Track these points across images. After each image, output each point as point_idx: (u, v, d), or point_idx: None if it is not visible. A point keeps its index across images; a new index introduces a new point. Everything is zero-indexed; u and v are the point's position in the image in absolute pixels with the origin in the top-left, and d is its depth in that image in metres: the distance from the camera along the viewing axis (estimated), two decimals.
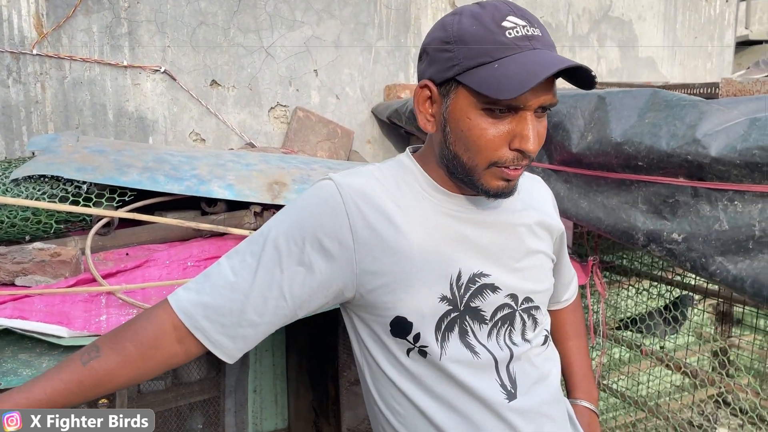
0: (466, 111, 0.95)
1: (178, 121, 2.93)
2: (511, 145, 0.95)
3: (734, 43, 5.04)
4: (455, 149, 0.99)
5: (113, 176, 1.96)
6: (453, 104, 0.97)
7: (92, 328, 1.54)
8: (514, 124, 0.94)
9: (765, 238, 1.43)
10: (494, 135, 0.94)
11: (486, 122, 0.94)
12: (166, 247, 1.97)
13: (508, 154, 0.95)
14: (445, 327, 1.01)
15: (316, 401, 2.71)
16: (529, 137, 0.93)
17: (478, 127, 0.95)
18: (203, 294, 1.00)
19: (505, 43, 0.91)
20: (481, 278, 1.04)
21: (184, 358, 1.01)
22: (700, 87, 2.22)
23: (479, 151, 0.96)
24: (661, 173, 1.65)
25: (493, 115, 0.94)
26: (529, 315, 1.11)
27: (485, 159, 0.96)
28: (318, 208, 1.00)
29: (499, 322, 1.07)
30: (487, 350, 1.04)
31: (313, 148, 3.14)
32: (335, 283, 1.01)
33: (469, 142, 0.96)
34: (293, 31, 3.14)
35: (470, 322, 1.03)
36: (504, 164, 0.96)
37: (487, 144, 0.95)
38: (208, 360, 2.20)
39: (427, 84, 1.01)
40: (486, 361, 1.04)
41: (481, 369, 1.04)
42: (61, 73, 2.68)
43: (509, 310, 1.08)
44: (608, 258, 2.69)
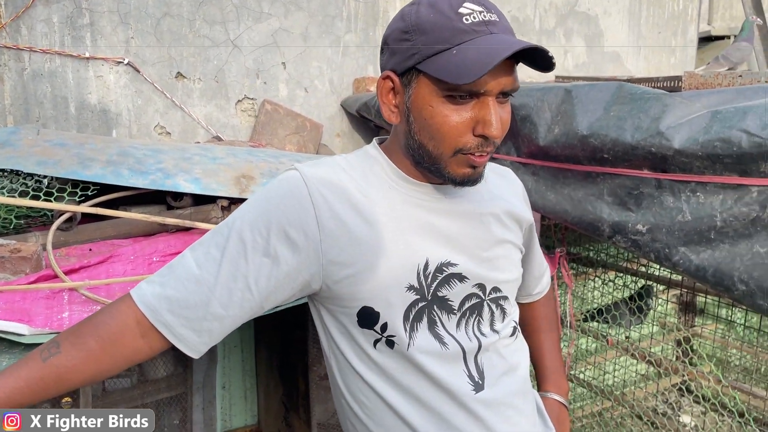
0: (428, 99, 0.96)
1: (142, 114, 2.88)
2: (475, 131, 0.95)
3: (697, 38, 5.14)
4: (420, 138, 0.99)
5: (75, 170, 1.91)
6: (415, 93, 0.97)
7: (54, 326, 1.51)
8: (476, 110, 0.95)
9: (726, 229, 1.46)
10: (457, 122, 0.95)
11: (448, 109, 0.95)
12: (131, 242, 1.93)
13: (472, 141, 0.96)
14: (414, 317, 1.01)
15: (286, 396, 2.70)
16: (491, 122, 0.93)
17: (440, 114, 0.95)
18: (167, 287, 0.98)
19: (462, 30, 0.92)
20: (448, 267, 1.04)
21: (148, 353, 0.99)
22: (663, 80, 2.26)
23: (443, 138, 0.96)
24: (626, 165, 1.67)
25: (455, 101, 0.94)
26: (498, 305, 1.11)
27: (450, 146, 0.96)
28: (283, 198, 0.99)
29: (468, 312, 1.07)
30: (456, 341, 1.04)
31: (282, 142, 3.12)
32: (301, 274, 1.00)
33: (432, 130, 0.96)
34: (260, 23, 3.10)
35: (438, 312, 1.03)
36: (469, 151, 0.96)
37: (451, 131, 0.95)
38: (175, 356, 2.17)
39: (389, 75, 1.01)
40: (454, 352, 1.04)
41: (449, 360, 1.04)
42: (20, 65, 2.61)
43: (477, 300, 1.08)
44: (575, 250, 2.72)
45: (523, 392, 1.14)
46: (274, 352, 2.83)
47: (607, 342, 2.57)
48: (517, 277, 1.17)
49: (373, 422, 1.06)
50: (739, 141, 1.38)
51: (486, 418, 1.05)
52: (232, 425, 3.19)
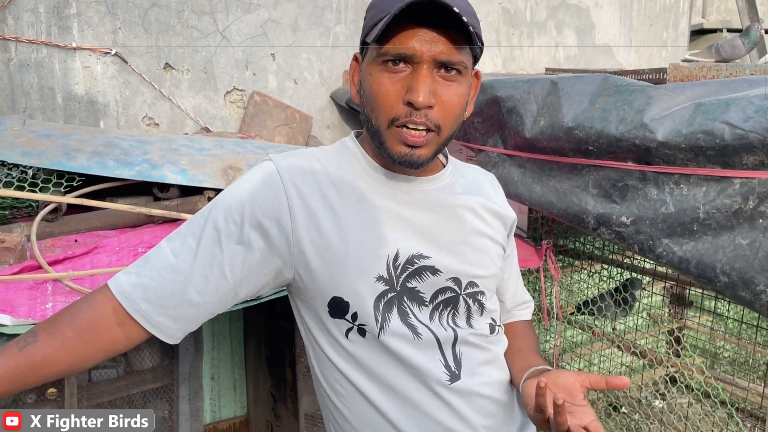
0: (369, 68, 0.99)
1: (130, 105, 2.87)
2: (404, 99, 0.96)
3: (689, 31, 5.14)
4: (367, 112, 1.01)
5: (61, 161, 1.91)
6: (364, 66, 1.01)
7: (37, 316, 1.50)
8: (408, 78, 0.96)
9: (709, 221, 1.46)
10: (389, 88, 0.96)
11: (384, 77, 0.97)
12: (117, 234, 1.93)
13: (402, 110, 0.96)
14: (384, 306, 1.01)
15: (274, 387, 2.70)
16: (417, 90, 0.94)
17: (377, 82, 0.97)
18: (143, 276, 0.99)
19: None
20: (420, 260, 1.04)
21: (125, 343, 0.99)
22: (649, 72, 2.27)
23: (378, 107, 0.98)
24: (610, 157, 1.67)
25: (389, 69, 0.96)
26: (475, 300, 1.11)
27: (384, 115, 0.97)
28: (257, 188, 1.00)
29: (441, 305, 1.07)
30: (430, 330, 1.04)
31: (271, 133, 3.11)
32: (273, 261, 1.01)
33: (371, 98, 0.99)
34: (249, 14, 3.09)
35: (408, 303, 1.03)
36: (400, 122, 0.96)
37: (383, 98, 0.97)
38: (161, 347, 2.17)
39: (356, 56, 1.06)
40: (428, 341, 1.04)
41: (424, 348, 1.04)
42: (6, 55, 2.59)
43: (452, 294, 1.08)
44: (562, 242, 2.73)
45: (503, 383, 1.14)
46: (263, 343, 2.83)
47: (594, 334, 2.58)
48: (495, 272, 1.16)
49: (349, 411, 1.07)
50: (722, 133, 1.38)
51: (459, 407, 1.05)
52: (221, 416, 3.20)
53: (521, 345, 1.24)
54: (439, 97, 0.97)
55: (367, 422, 1.06)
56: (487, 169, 2.10)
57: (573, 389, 0.96)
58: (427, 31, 0.93)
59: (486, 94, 2.08)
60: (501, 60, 4.15)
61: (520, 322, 1.33)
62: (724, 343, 3.12)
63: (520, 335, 1.28)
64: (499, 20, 4.06)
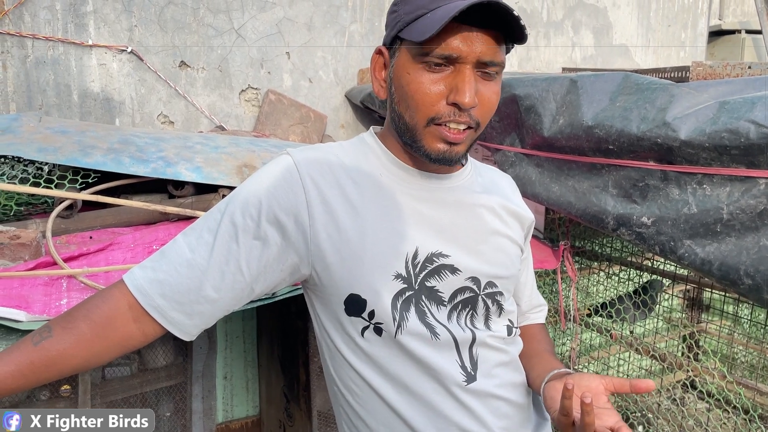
0: (406, 66, 0.97)
1: (145, 103, 2.87)
2: (448, 99, 0.94)
3: (707, 32, 5.09)
4: (399, 109, 0.99)
5: (76, 157, 1.90)
6: (397, 62, 0.99)
7: (52, 313, 1.50)
8: (451, 78, 0.94)
9: (733, 222, 1.43)
10: (431, 88, 0.94)
11: (424, 76, 0.95)
12: (131, 231, 1.92)
13: (444, 109, 0.95)
14: (402, 305, 1.00)
15: (287, 387, 2.69)
16: (464, 91, 0.92)
17: (415, 81, 0.95)
18: (159, 272, 0.97)
19: None
20: (439, 258, 1.02)
21: (140, 338, 0.98)
22: (670, 71, 2.23)
23: (417, 106, 0.95)
24: (631, 157, 1.64)
25: (430, 69, 0.94)
26: (494, 301, 1.09)
27: (423, 115, 0.96)
28: (274, 182, 0.99)
29: (460, 305, 1.05)
30: (448, 330, 1.03)
31: (285, 132, 3.10)
32: (290, 257, 1.00)
33: (408, 97, 0.96)
34: (264, 12, 3.08)
35: (426, 302, 1.02)
36: (441, 120, 0.95)
37: (424, 98, 0.94)
38: (174, 345, 2.16)
39: (380, 50, 1.03)
40: (445, 341, 1.02)
41: (441, 348, 1.02)
42: (23, 52, 2.60)
43: (471, 294, 1.06)
44: (579, 243, 2.70)
45: (518, 385, 1.12)
46: (276, 342, 2.82)
47: (611, 337, 2.55)
48: (514, 273, 1.14)
49: (363, 410, 1.05)
50: (747, 132, 1.35)
51: (475, 408, 1.03)
52: (234, 415, 3.19)
53: (538, 348, 1.22)
54: (481, 96, 0.95)
55: (382, 421, 1.04)
56: (504, 168, 2.08)
57: (597, 392, 0.94)
58: (471, 31, 0.91)
59: (503, 92, 2.05)
60: (517, 60, 4.12)
61: (535, 325, 1.31)
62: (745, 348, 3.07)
63: (536, 338, 1.26)
64: None
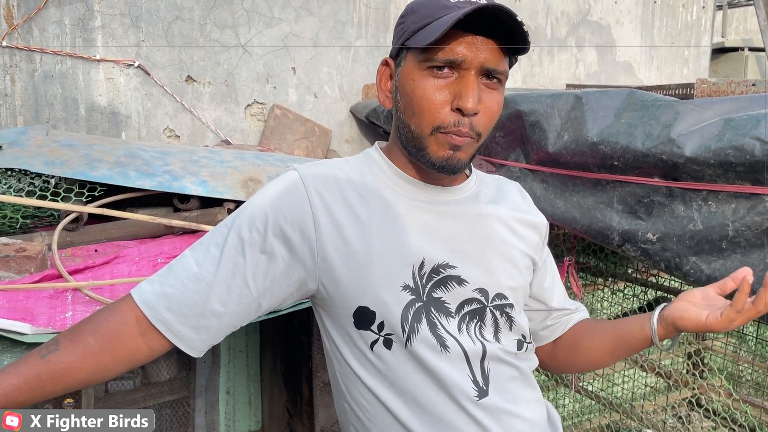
0: (411, 74, 0.98)
1: (152, 117, 2.89)
2: (452, 106, 0.95)
3: (710, 49, 5.11)
4: (405, 117, 1.00)
5: (83, 171, 1.91)
6: (402, 71, 1.00)
7: (57, 325, 1.50)
8: (455, 84, 0.95)
9: (738, 238, 1.43)
10: (435, 95, 0.95)
11: (429, 83, 0.96)
12: (137, 244, 1.93)
13: (449, 116, 0.96)
14: (413, 316, 0.99)
15: (290, 402, 2.68)
16: (467, 96, 0.93)
17: (420, 87, 0.96)
18: (166, 285, 0.97)
19: (446, 5, 0.94)
20: (446, 269, 1.02)
21: (147, 353, 0.97)
22: (675, 88, 2.24)
23: (422, 113, 0.97)
24: (636, 173, 1.64)
25: (435, 75, 0.95)
26: (503, 313, 1.08)
27: (428, 122, 0.97)
28: (281, 197, 1.00)
29: (467, 316, 1.04)
30: (458, 342, 1.02)
31: (291, 147, 3.11)
32: (297, 271, 1.00)
33: (413, 104, 0.98)
34: (271, 28, 3.11)
35: (436, 314, 1.01)
36: (447, 129, 0.96)
37: (429, 105, 0.96)
38: (178, 360, 2.16)
39: (387, 61, 1.05)
40: (455, 354, 1.02)
41: (452, 361, 1.01)
42: (31, 66, 2.62)
43: (478, 305, 1.05)
44: (584, 259, 2.69)
45: (531, 401, 1.11)
46: (279, 357, 2.82)
47: None
48: (523, 284, 1.13)
49: (373, 425, 1.04)
50: (752, 149, 1.36)
51: (487, 424, 1.02)
52: (236, 430, 3.17)
53: (604, 322, 1.22)
54: (484, 104, 0.96)
55: None
56: None
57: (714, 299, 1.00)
58: (476, 38, 0.93)
59: (508, 108, 2.06)
60: (521, 76, 4.14)
61: (584, 320, 1.27)
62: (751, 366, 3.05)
63: (594, 322, 1.25)
64: None
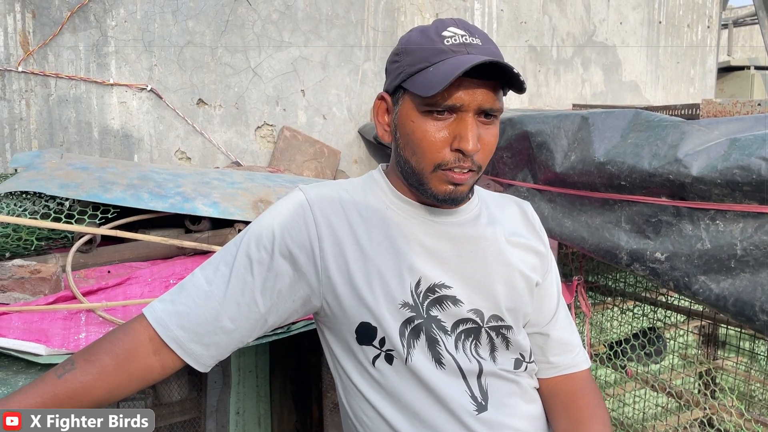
0: (410, 115, 1.01)
1: (163, 140, 2.93)
2: (452, 146, 0.99)
3: (716, 68, 5.13)
4: (405, 154, 1.04)
5: (96, 193, 1.94)
6: (401, 110, 1.04)
7: (71, 346, 1.52)
8: (454, 125, 0.99)
9: (746, 257, 1.43)
10: (435, 136, 0.99)
11: (428, 125, 0.99)
12: (149, 265, 1.95)
13: (449, 156, 1.00)
14: (410, 332, 1.03)
15: (300, 423, 2.67)
16: (467, 138, 0.97)
17: (420, 129, 1.00)
18: (178, 304, 1.01)
19: (442, 50, 0.98)
20: (441, 289, 1.05)
21: (160, 371, 1.00)
22: (681, 108, 2.25)
23: (423, 153, 1.00)
24: (643, 193, 1.66)
25: (434, 117, 0.99)
26: (499, 334, 1.10)
27: (429, 161, 1.01)
28: (288, 217, 1.04)
29: (462, 335, 1.07)
30: (454, 359, 1.05)
31: (300, 168, 3.14)
32: (302, 288, 1.04)
33: (414, 144, 1.01)
34: (280, 52, 3.16)
35: (436, 331, 1.04)
36: (448, 166, 1.00)
37: (430, 146, 0.99)
38: (189, 380, 2.17)
39: (383, 96, 1.09)
40: (451, 370, 1.04)
41: (449, 377, 1.04)
42: (46, 91, 2.67)
43: (473, 325, 1.08)
44: (593, 278, 2.69)
45: (532, 416, 1.12)
46: (289, 378, 2.82)
47: (627, 373, 2.52)
48: (521, 306, 1.13)
49: None
50: (758, 169, 1.37)
51: None
52: None
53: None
54: (482, 140, 1.01)
55: None
56: None
57: None
58: (473, 83, 0.96)
59: (515, 129, 2.08)
60: (528, 97, 4.17)
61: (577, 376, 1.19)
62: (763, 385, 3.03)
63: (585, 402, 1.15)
64: (525, 57, 4.09)
